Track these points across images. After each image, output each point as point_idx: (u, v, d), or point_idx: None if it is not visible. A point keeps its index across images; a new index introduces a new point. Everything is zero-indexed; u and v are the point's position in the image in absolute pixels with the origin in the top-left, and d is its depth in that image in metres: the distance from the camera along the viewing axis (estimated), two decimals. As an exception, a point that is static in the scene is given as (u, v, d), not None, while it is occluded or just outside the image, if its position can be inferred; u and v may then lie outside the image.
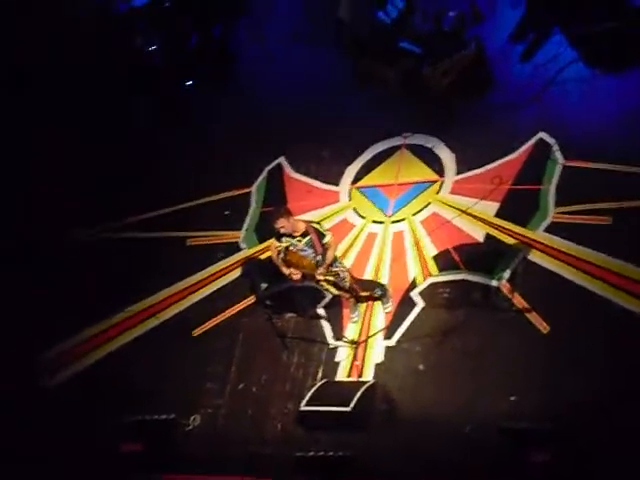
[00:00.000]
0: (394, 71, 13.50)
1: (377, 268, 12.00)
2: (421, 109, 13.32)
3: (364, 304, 11.65)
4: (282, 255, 10.70)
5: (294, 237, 10.60)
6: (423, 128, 13.22)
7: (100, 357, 12.74)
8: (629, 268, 10.33)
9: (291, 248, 10.63)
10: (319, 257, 10.71)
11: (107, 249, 13.90)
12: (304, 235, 10.62)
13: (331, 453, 10.07)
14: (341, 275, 11.04)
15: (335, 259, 10.91)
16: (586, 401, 9.46)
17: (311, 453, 10.19)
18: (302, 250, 10.65)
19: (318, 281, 11.04)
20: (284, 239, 10.64)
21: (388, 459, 9.97)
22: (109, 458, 11.03)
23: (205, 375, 11.94)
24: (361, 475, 9.82)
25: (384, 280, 11.80)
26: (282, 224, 10.49)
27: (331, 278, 10.98)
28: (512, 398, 10.03)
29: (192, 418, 11.51)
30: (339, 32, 14.22)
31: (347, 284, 11.15)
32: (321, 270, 10.76)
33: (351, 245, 12.42)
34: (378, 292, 11.50)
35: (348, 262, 11.96)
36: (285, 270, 10.77)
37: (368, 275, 11.95)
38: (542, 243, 11.17)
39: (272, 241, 10.89)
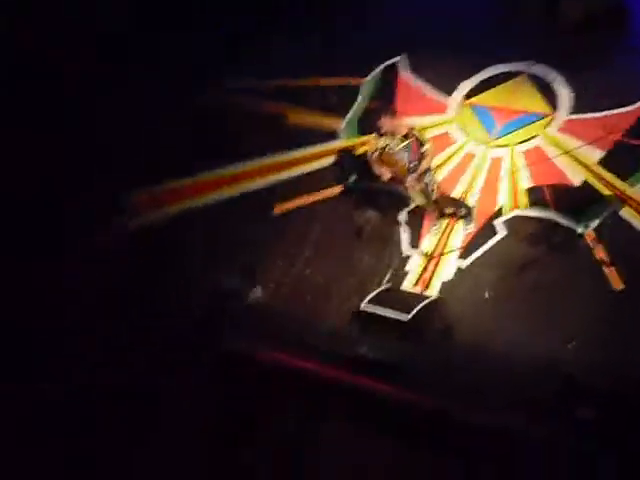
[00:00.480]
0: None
1: (468, 188, 11.91)
2: (553, 40, 13.08)
3: (446, 219, 11.63)
4: (378, 153, 10.70)
5: (394, 138, 10.57)
6: (551, 59, 12.96)
7: (179, 211, 12.85)
8: None
9: (388, 149, 10.62)
10: (413, 163, 10.70)
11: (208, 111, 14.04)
12: (404, 139, 10.58)
13: (378, 357, 10.22)
14: (430, 187, 11.03)
15: (428, 169, 10.88)
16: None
17: (359, 353, 10.35)
18: (398, 153, 10.64)
19: (407, 187, 11.05)
20: (384, 138, 10.62)
21: (433, 376, 9.98)
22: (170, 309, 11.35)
23: (276, 252, 12.02)
24: (402, 385, 9.92)
25: (472, 201, 11.72)
26: (385, 123, 10.47)
27: (419, 187, 10.97)
28: (571, 345, 10.04)
29: (253, 290, 11.66)
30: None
31: (434, 196, 11.15)
32: (412, 176, 10.77)
33: (447, 160, 12.27)
34: (463, 211, 11.46)
35: (440, 176, 11.87)
36: (377, 168, 10.78)
37: (457, 193, 11.87)
38: (637, 201, 11.00)
39: (371, 137, 10.87)
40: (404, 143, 10.58)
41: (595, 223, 10.96)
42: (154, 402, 10.26)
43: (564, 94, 12.51)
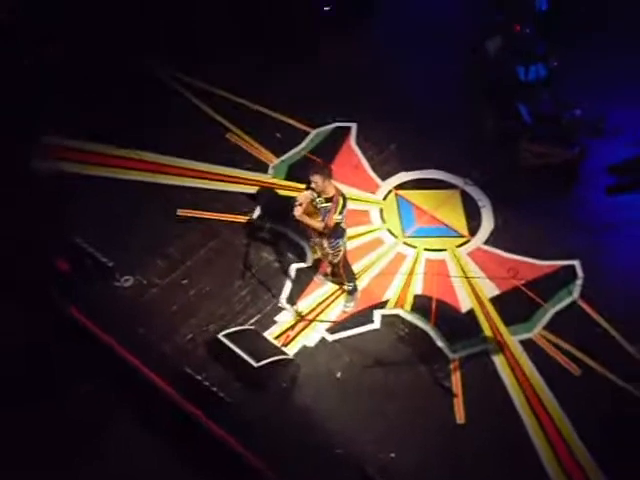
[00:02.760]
0: (495, 122, 13.57)
1: (364, 269, 12.00)
2: (497, 168, 13.33)
3: (331, 282, 11.82)
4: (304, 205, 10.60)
5: (319, 197, 10.53)
6: (489, 185, 13.20)
7: (85, 174, 13.00)
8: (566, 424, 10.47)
9: (314, 202, 10.60)
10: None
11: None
12: (328, 201, 10.53)
13: (213, 389, 10.19)
14: (336, 249, 10.93)
15: (344, 233, 10.80)
16: None
17: (198, 377, 10.32)
18: (320, 210, 10.63)
19: (311, 240, 11.14)
20: (311, 192, 10.57)
21: (255, 425, 10.15)
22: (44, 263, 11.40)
23: (162, 253, 12.01)
24: (222, 424, 10.07)
25: (362, 283, 11.79)
26: (317, 180, 10.36)
27: (325, 244, 10.90)
28: (392, 455, 10.14)
29: (125, 278, 11.56)
30: (475, 53, 14.51)
31: (335, 260, 11.07)
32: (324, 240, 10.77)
33: (357, 236, 12.32)
34: (350, 286, 11.46)
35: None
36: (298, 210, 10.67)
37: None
38: (511, 351, 11.16)
39: (306, 193, 10.70)
40: (327, 205, 10.52)
41: (465, 353, 11.10)
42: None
43: (487, 223, 12.67)
